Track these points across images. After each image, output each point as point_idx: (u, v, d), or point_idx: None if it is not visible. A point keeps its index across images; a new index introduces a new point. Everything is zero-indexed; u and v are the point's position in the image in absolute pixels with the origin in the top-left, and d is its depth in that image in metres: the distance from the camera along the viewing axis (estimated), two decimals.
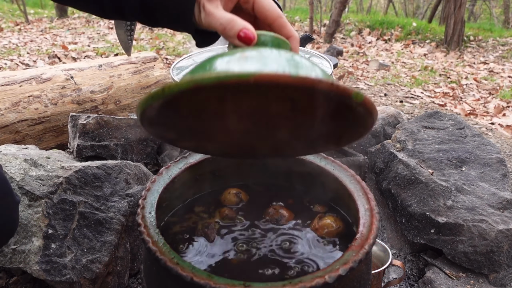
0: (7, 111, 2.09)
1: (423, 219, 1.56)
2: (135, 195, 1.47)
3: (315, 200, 1.15)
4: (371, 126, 0.64)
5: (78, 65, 2.52)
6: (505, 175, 1.66)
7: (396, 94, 3.99)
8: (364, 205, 0.95)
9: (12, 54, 5.00)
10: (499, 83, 4.74)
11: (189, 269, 0.76)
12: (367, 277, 0.91)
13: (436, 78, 4.93)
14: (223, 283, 0.73)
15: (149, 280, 0.91)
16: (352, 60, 5.72)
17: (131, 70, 2.62)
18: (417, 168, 1.67)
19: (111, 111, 2.48)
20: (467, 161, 1.71)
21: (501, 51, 6.28)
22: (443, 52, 6.28)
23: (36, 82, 2.25)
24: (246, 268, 0.91)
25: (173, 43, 6.31)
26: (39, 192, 1.34)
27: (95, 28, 7.36)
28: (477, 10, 13.42)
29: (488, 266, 1.47)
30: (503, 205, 1.54)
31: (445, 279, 1.47)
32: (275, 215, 1.07)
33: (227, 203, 1.13)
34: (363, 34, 7.49)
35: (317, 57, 1.69)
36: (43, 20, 8.08)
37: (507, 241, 1.45)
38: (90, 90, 2.39)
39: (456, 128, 1.88)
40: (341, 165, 1.09)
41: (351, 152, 1.68)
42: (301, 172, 1.16)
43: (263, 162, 1.19)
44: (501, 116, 3.65)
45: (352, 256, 0.79)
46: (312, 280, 0.73)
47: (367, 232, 0.87)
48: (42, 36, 6.39)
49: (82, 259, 1.33)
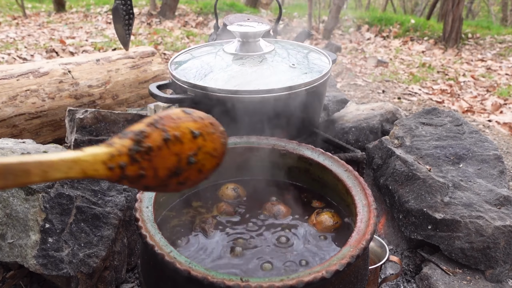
0: (4, 105, 2.08)
1: (420, 215, 1.56)
2: (132, 189, 1.46)
3: (313, 195, 1.15)
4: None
5: (75, 59, 2.51)
6: (502, 171, 1.66)
7: (394, 91, 3.99)
8: (362, 201, 0.96)
9: (9, 48, 4.98)
10: (496, 81, 4.74)
11: (187, 263, 0.76)
12: (364, 272, 0.91)
13: (434, 75, 4.93)
14: (220, 278, 0.73)
15: (147, 274, 0.91)
16: (351, 56, 5.72)
17: (129, 64, 2.61)
18: (414, 165, 1.67)
19: (108, 106, 2.47)
20: (464, 157, 1.71)
21: (498, 49, 6.28)
22: (441, 49, 6.28)
23: (34, 76, 2.25)
24: (243, 262, 0.92)
25: (171, 38, 6.30)
26: (36, 186, 1.34)
27: (93, 22, 7.33)
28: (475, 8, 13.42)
29: (485, 262, 1.47)
30: (500, 202, 1.54)
31: (441, 275, 1.47)
32: (273, 210, 1.07)
33: (225, 198, 1.13)
34: (361, 30, 7.48)
35: (316, 52, 1.69)
36: (41, 14, 8.04)
37: (504, 238, 1.46)
38: (87, 85, 2.38)
39: (454, 125, 1.88)
40: (339, 161, 1.09)
41: (349, 148, 1.68)
42: (299, 168, 1.17)
43: (260, 158, 1.19)
44: (498, 114, 3.65)
45: (349, 251, 0.79)
46: (310, 275, 0.73)
47: (365, 227, 0.87)
48: (40, 31, 6.36)
49: (79, 254, 1.33)
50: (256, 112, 1.41)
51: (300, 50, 1.70)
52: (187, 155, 0.65)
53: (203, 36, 6.66)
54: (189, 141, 0.65)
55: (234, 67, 1.50)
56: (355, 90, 3.96)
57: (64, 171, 0.55)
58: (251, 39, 1.57)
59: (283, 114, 1.47)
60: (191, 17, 8.28)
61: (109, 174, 0.59)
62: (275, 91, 1.39)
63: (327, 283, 0.78)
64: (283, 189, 1.18)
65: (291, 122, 1.52)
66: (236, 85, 1.41)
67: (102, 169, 0.58)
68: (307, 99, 1.48)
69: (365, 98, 3.68)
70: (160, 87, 1.51)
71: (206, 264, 0.91)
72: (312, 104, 1.56)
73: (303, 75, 1.48)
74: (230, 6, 8.55)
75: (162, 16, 8.06)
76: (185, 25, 7.72)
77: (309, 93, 1.46)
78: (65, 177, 0.55)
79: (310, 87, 1.45)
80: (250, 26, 1.59)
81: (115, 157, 0.59)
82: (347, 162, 1.10)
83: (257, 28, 1.57)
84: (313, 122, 1.65)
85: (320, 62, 1.60)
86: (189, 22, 7.89)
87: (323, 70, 1.52)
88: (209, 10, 8.41)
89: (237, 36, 1.58)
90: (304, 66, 1.54)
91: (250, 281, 0.72)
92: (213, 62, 1.55)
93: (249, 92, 1.38)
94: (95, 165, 0.58)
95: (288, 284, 0.71)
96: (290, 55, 1.62)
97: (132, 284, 1.48)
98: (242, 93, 1.38)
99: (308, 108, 1.54)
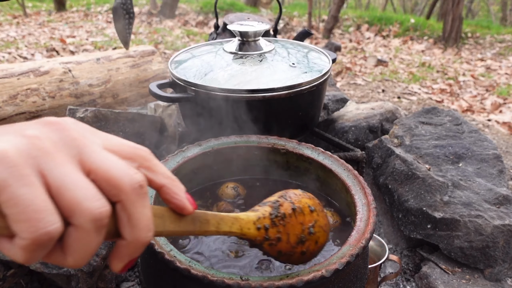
0: (4, 104, 2.09)
1: (420, 214, 1.57)
2: None
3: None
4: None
5: (76, 58, 2.51)
6: (502, 171, 1.67)
7: (394, 90, 3.99)
8: (362, 200, 0.96)
9: (10, 47, 4.98)
10: (496, 80, 4.74)
11: (187, 262, 0.76)
12: (363, 271, 0.92)
13: (433, 74, 4.93)
14: (220, 277, 0.73)
15: (147, 273, 0.91)
16: (350, 56, 5.72)
17: (129, 63, 2.61)
18: (414, 164, 1.68)
19: (109, 105, 2.47)
20: (464, 157, 1.71)
21: (498, 48, 6.28)
22: (441, 48, 6.28)
23: (34, 75, 2.25)
24: (243, 261, 0.92)
25: (172, 37, 6.30)
26: None
27: (93, 21, 7.33)
28: (475, 7, 13.42)
29: (484, 261, 1.48)
30: (499, 201, 1.54)
31: (441, 274, 1.48)
32: None
33: (224, 197, 1.13)
34: (361, 30, 7.47)
35: (316, 51, 1.69)
36: (41, 13, 8.04)
37: (503, 237, 1.46)
38: (88, 84, 2.39)
39: (454, 124, 1.88)
40: (338, 160, 1.10)
41: (349, 147, 1.68)
42: (299, 167, 1.17)
43: (260, 157, 1.19)
44: (498, 113, 3.65)
45: (349, 250, 0.79)
46: (309, 273, 0.74)
47: (364, 226, 0.87)
48: (40, 30, 6.36)
49: None
50: (256, 111, 1.41)
51: (300, 49, 1.70)
52: (308, 225, 0.76)
53: (203, 35, 6.66)
54: (308, 214, 0.76)
55: (234, 66, 1.51)
56: (355, 89, 3.96)
57: (229, 226, 0.67)
58: (251, 38, 1.57)
59: (283, 113, 1.47)
60: (191, 16, 8.28)
61: (257, 234, 0.71)
62: (275, 90, 1.39)
63: (327, 282, 0.78)
64: (283, 188, 1.18)
65: (291, 121, 1.52)
66: (236, 84, 1.41)
67: (253, 228, 0.70)
68: (307, 98, 1.49)
69: (365, 98, 3.69)
70: (160, 86, 1.51)
71: (206, 263, 0.91)
72: (312, 103, 1.56)
73: (303, 74, 1.48)
74: (230, 5, 8.55)
75: (162, 15, 8.06)
76: (185, 24, 7.73)
77: (309, 92, 1.47)
78: (228, 231, 0.67)
79: (310, 86, 1.45)
80: (250, 25, 1.59)
81: (261, 219, 0.71)
82: (347, 161, 1.10)
83: (257, 27, 1.57)
84: (313, 121, 1.66)
85: (320, 61, 1.60)
86: (189, 21, 7.89)
87: (323, 70, 1.52)
88: (209, 9, 8.41)
89: (237, 35, 1.58)
90: (304, 65, 1.55)
91: (250, 280, 0.73)
92: (213, 61, 1.55)
93: (249, 91, 1.38)
94: (248, 223, 0.70)
95: (288, 283, 0.72)
96: (290, 54, 1.62)
97: (132, 283, 1.48)
98: (242, 92, 1.38)
99: (308, 107, 1.54)
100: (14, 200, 0.40)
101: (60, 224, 0.42)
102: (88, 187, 0.44)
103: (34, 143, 0.44)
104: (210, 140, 1.16)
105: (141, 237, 0.49)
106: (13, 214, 0.41)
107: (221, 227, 0.66)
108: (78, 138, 0.47)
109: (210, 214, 0.65)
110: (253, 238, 0.71)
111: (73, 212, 0.43)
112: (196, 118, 1.54)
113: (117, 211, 0.48)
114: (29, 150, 0.43)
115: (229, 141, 1.18)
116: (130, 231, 0.48)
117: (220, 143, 1.16)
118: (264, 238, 0.71)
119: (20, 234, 0.41)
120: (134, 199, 0.48)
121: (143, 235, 0.49)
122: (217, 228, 0.65)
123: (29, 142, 0.44)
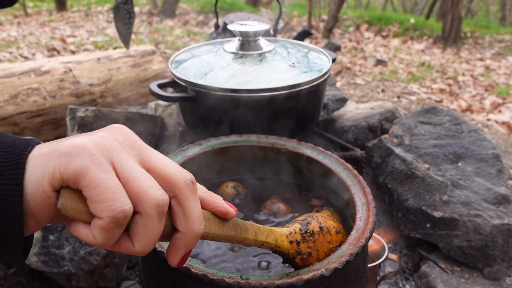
0: (6, 104, 2.09)
1: (419, 213, 1.57)
2: None
3: (312, 193, 1.16)
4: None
5: (76, 58, 2.52)
6: (501, 170, 1.67)
7: (394, 90, 3.99)
8: (361, 199, 0.96)
9: (11, 47, 4.98)
10: (495, 80, 4.75)
11: (187, 261, 0.77)
12: (363, 270, 0.92)
13: (433, 74, 4.93)
14: (220, 275, 0.74)
15: (147, 272, 0.92)
16: (350, 55, 5.72)
17: (130, 63, 2.62)
18: (413, 163, 1.68)
19: (109, 104, 2.48)
20: (463, 156, 1.72)
21: (497, 48, 6.28)
22: (440, 48, 6.28)
23: (35, 75, 2.25)
24: (243, 260, 0.92)
25: (172, 37, 6.30)
26: None
27: (94, 21, 7.33)
28: (474, 7, 13.40)
29: (483, 260, 1.48)
30: (498, 200, 1.55)
31: (440, 273, 1.48)
32: (273, 208, 1.08)
33: (224, 196, 1.14)
34: (361, 29, 7.47)
35: (316, 51, 1.70)
36: (42, 13, 8.04)
37: (502, 236, 1.47)
38: (88, 83, 2.39)
39: (453, 124, 1.89)
40: (338, 159, 1.10)
41: (349, 147, 1.69)
42: (299, 166, 1.17)
43: (260, 157, 1.19)
44: (497, 113, 3.66)
45: (348, 249, 0.80)
46: (309, 272, 0.74)
47: (364, 226, 0.87)
48: (41, 29, 6.36)
49: (80, 251, 1.34)
50: (256, 111, 1.41)
51: (300, 49, 1.70)
52: (336, 245, 0.82)
53: (204, 35, 6.66)
54: (335, 234, 0.83)
55: (234, 66, 1.51)
56: (354, 89, 3.96)
57: (265, 236, 0.72)
58: (251, 38, 1.57)
59: (283, 113, 1.47)
60: (192, 16, 8.28)
61: (290, 247, 0.76)
62: (275, 90, 1.39)
63: (326, 281, 0.79)
64: (282, 187, 1.18)
65: (291, 121, 1.52)
66: (236, 84, 1.41)
67: (286, 241, 0.75)
68: (307, 97, 1.49)
69: (365, 97, 3.69)
70: (160, 85, 1.52)
71: (206, 262, 0.92)
72: (312, 103, 1.56)
73: (303, 74, 1.48)
74: (230, 5, 8.56)
75: (162, 15, 8.06)
76: (186, 24, 7.73)
77: (309, 92, 1.47)
78: (265, 241, 0.71)
79: (310, 86, 1.45)
80: (250, 25, 1.59)
81: (293, 233, 0.77)
82: (347, 161, 1.11)
83: (257, 27, 1.58)
84: (313, 121, 1.66)
85: (320, 61, 1.61)
86: (190, 21, 7.89)
87: (323, 69, 1.52)
88: (209, 9, 8.42)
89: (237, 35, 1.58)
90: (304, 65, 1.55)
91: (250, 279, 0.73)
92: (213, 61, 1.56)
93: (249, 91, 1.39)
94: (282, 236, 0.75)
95: (287, 282, 0.72)
96: (290, 54, 1.63)
97: (133, 282, 1.49)
98: (242, 92, 1.38)
99: (308, 107, 1.55)
100: (95, 183, 0.48)
101: (132, 206, 0.49)
102: (151, 179, 0.52)
103: (106, 140, 0.52)
104: (210, 140, 1.17)
105: (194, 228, 0.55)
106: (94, 196, 0.48)
107: (258, 236, 0.70)
108: (138, 141, 0.56)
109: (249, 223, 0.69)
110: (287, 252, 0.76)
111: (140, 198, 0.50)
112: (197, 117, 1.54)
113: (172, 206, 0.54)
114: (103, 144, 0.51)
115: (229, 141, 1.18)
116: (185, 223, 0.55)
117: (220, 143, 1.17)
118: (296, 252, 0.76)
119: (100, 213, 0.48)
120: (187, 193, 0.54)
121: (196, 227, 0.55)
122: (255, 237, 0.69)
123: (102, 139, 0.52)
